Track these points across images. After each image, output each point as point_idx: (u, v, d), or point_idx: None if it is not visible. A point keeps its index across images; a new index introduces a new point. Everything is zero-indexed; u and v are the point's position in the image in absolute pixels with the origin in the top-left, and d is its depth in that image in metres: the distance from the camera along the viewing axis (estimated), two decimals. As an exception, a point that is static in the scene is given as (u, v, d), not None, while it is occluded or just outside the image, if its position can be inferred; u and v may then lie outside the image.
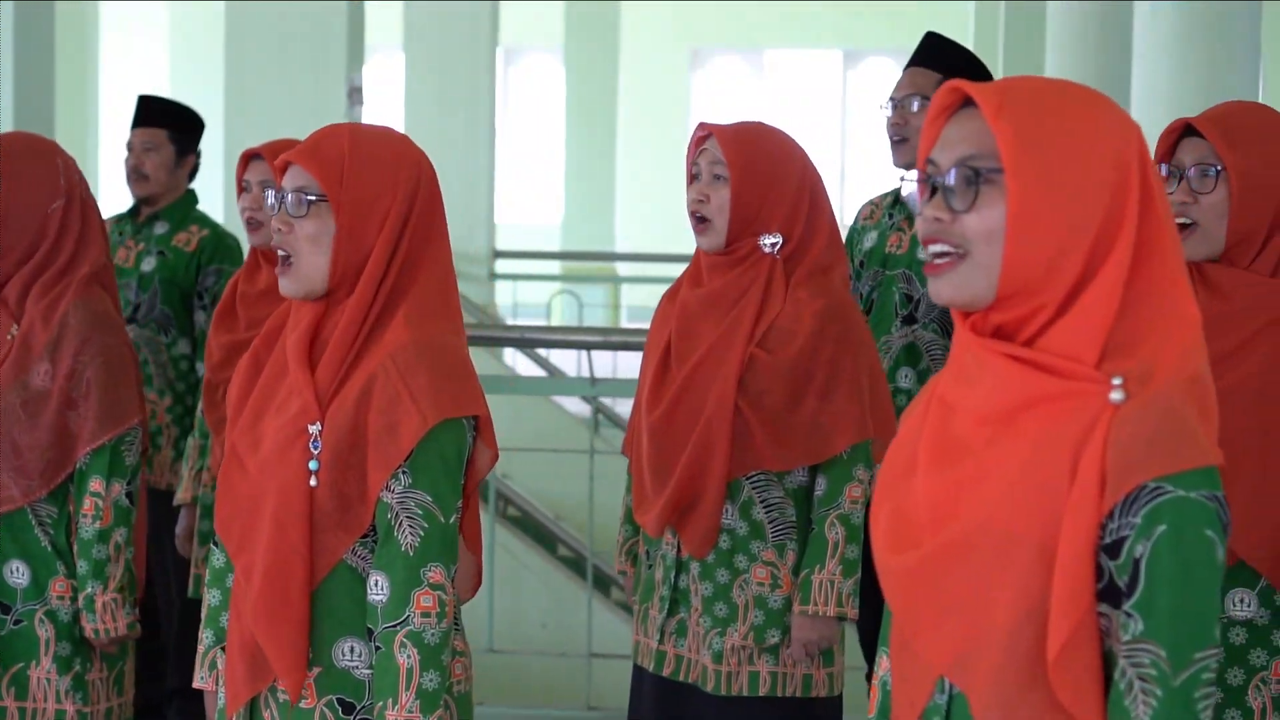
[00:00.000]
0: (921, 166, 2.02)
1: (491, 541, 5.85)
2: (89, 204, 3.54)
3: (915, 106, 4.34)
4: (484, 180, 11.12)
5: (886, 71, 18.81)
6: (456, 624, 2.81)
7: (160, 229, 5.32)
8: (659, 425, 3.60)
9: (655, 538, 3.66)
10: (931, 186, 1.99)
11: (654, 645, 3.66)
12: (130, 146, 5.35)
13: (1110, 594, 1.88)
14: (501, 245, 12.29)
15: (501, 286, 12.69)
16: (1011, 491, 1.92)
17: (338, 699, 2.70)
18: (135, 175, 5.32)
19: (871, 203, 4.60)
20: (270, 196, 2.74)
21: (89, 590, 3.39)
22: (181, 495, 4.75)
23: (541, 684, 6.55)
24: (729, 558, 3.57)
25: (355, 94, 7.78)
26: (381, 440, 2.64)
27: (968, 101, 2.00)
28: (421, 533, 2.63)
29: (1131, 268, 1.94)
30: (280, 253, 2.73)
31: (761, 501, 3.56)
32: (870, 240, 4.50)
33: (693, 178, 3.61)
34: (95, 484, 3.40)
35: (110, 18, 17.02)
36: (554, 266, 15.55)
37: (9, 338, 3.45)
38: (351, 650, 2.70)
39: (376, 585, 2.65)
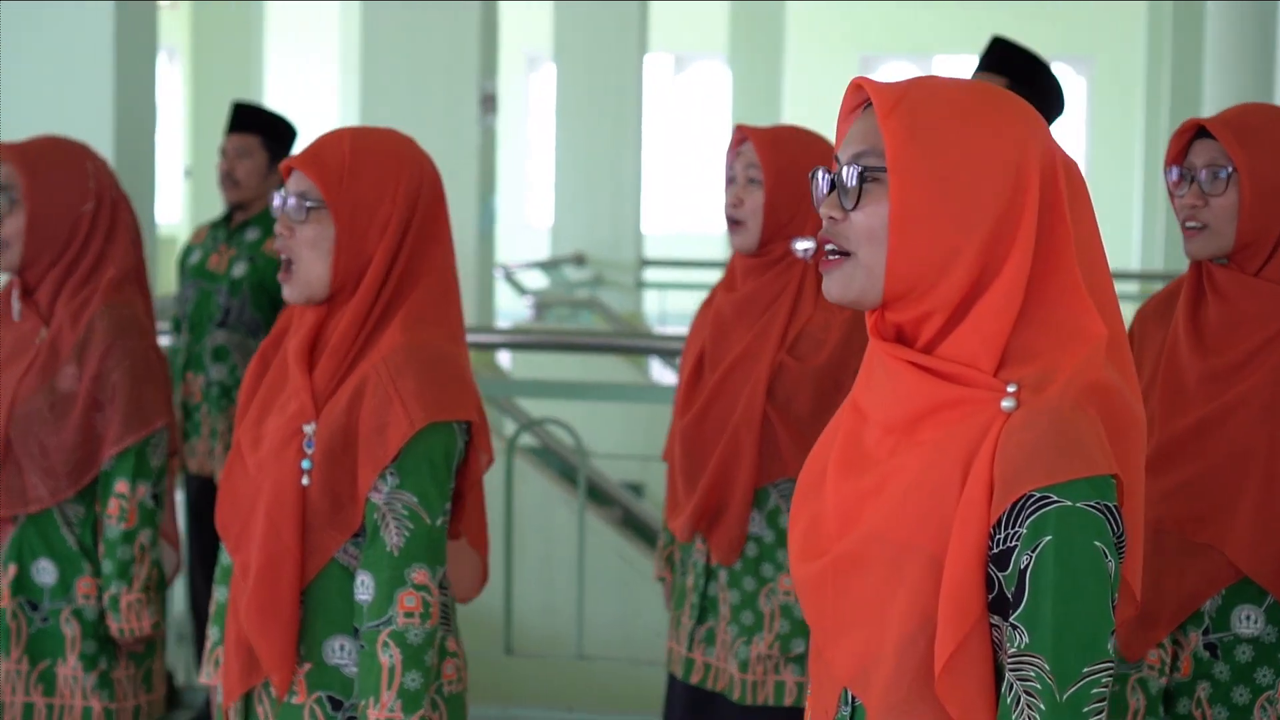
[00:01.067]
0: (831, 164, 1.99)
1: (582, 546, 5.84)
2: (120, 207, 3.59)
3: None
4: (631, 189, 11.16)
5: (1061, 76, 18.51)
6: (449, 624, 2.83)
7: (251, 235, 5.40)
8: (689, 431, 3.58)
9: (685, 543, 3.64)
10: (830, 183, 1.95)
11: (684, 653, 3.63)
12: (224, 152, 5.43)
13: (1000, 605, 1.84)
14: (672, 253, 12.29)
15: (653, 295, 12.72)
16: (905, 501, 1.89)
17: (327, 696, 2.76)
18: (227, 180, 5.41)
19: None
20: (276, 201, 2.78)
21: (114, 590, 3.44)
22: None
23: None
24: (755, 566, 3.53)
25: (488, 102, 7.83)
26: (371, 441, 2.69)
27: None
28: (407, 533, 2.67)
29: (1034, 277, 1.89)
30: (282, 258, 2.79)
31: (788, 509, 3.52)
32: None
33: (729, 181, 3.59)
34: (121, 486, 3.45)
35: (277, 26, 17.32)
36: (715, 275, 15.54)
37: (38, 340, 3.51)
38: (341, 648, 2.76)
39: (363, 584, 2.70)
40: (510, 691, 5.79)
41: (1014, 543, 1.81)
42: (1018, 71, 4.23)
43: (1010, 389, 1.85)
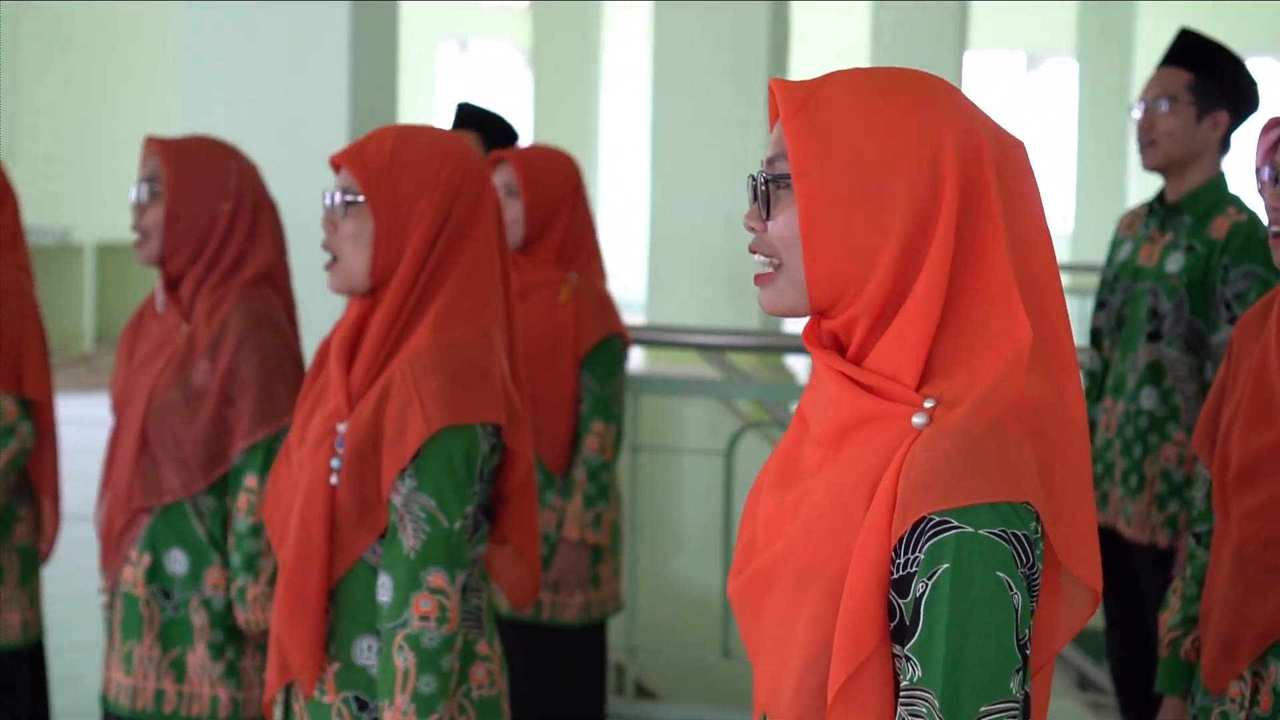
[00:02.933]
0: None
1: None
2: (262, 210, 3.66)
3: (1164, 108, 4.05)
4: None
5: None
6: (480, 627, 2.81)
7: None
8: None
9: None
10: (753, 193, 1.87)
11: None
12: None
13: (901, 634, 1.72)
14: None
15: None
16: (814, 520, 1.79)
17: (354, 696, 2.77)
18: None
19: (1132, 212, 4.32)
20: (325, 197, 2.81)
21: (241, 582, 3.51)
22: None
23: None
24: None
25: (777, 98, 7.79)
26: (393, 442, 2.70)
27: None
28: (424, 536, 2.67)
29: (959, 277, 1.77)
30: (327, 251, 2.81)
31: None
32: (1125, 251, 4.24)
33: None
34: (249, 480, 3.51)
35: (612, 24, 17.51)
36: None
37: (179, 336, 3.60)
38: (369, 648, 2.77)
39: (383, 585, 2.71)
40: (727, 694, 5.72)
41: (914, 568, 1.70)
42: (1203, 66, 4.01)
43: (927, 404, 1.74)
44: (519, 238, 4.44)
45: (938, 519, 1.68)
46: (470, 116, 5.48)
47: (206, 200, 3.61)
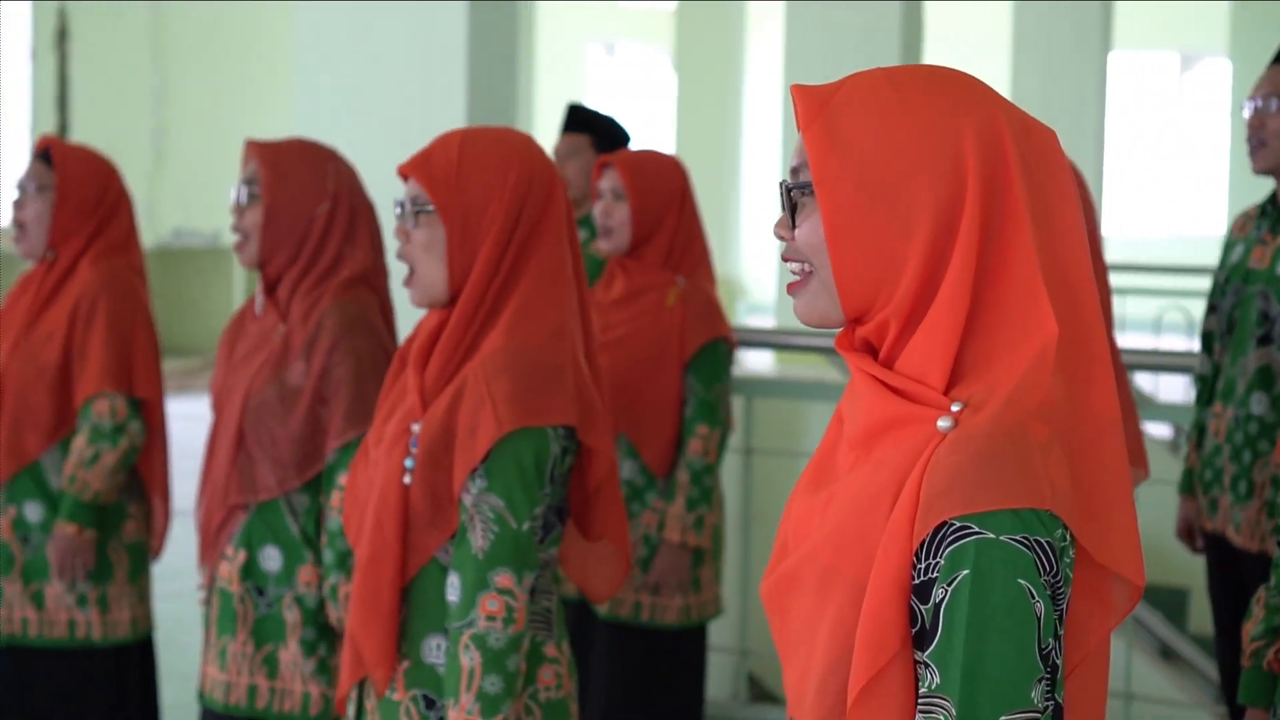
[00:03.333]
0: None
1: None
2: (360, 212, 3.70)
3: (1275, 107, 3.96)
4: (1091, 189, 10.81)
5: None
6: (549, 629, 2.83)
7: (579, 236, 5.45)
8: None
9: None
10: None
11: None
12: (556, 152, 5.51)
13: (921, 639, 1.70)
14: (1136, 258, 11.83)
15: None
16: (839, 522, 1.78)
17: (422, 694, 2.79)
18: (559, 183, 5.47)
19: (1245, 213, 4.23)
20: (397, 207, 2.83)
21: (333, 580, 3.54)
22: None
23: None
24: None
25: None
26: (465, 442, 2.72)
27: None
28: (492, 536, 2.68)
29: (983, 278, 1.75)
30: (402, 261, 2.85)
31: None
32: (1237, 254, 4.15)
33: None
34: (342, 479, 3.54)
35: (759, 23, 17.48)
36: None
37: (276, 336, 3.64)
38: (438, 647, 2.79)
39: (452, 585, 2.73)
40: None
41: (934, 574, 1.67)
42: None
43: (954, 408, 1.72)
44: (626, 241, 4.44)
45: (959, 524, 1.66)
46: (582, 119, 5.49)
47: (304, 202, 3.65)
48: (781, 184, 1.84)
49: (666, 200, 4.46)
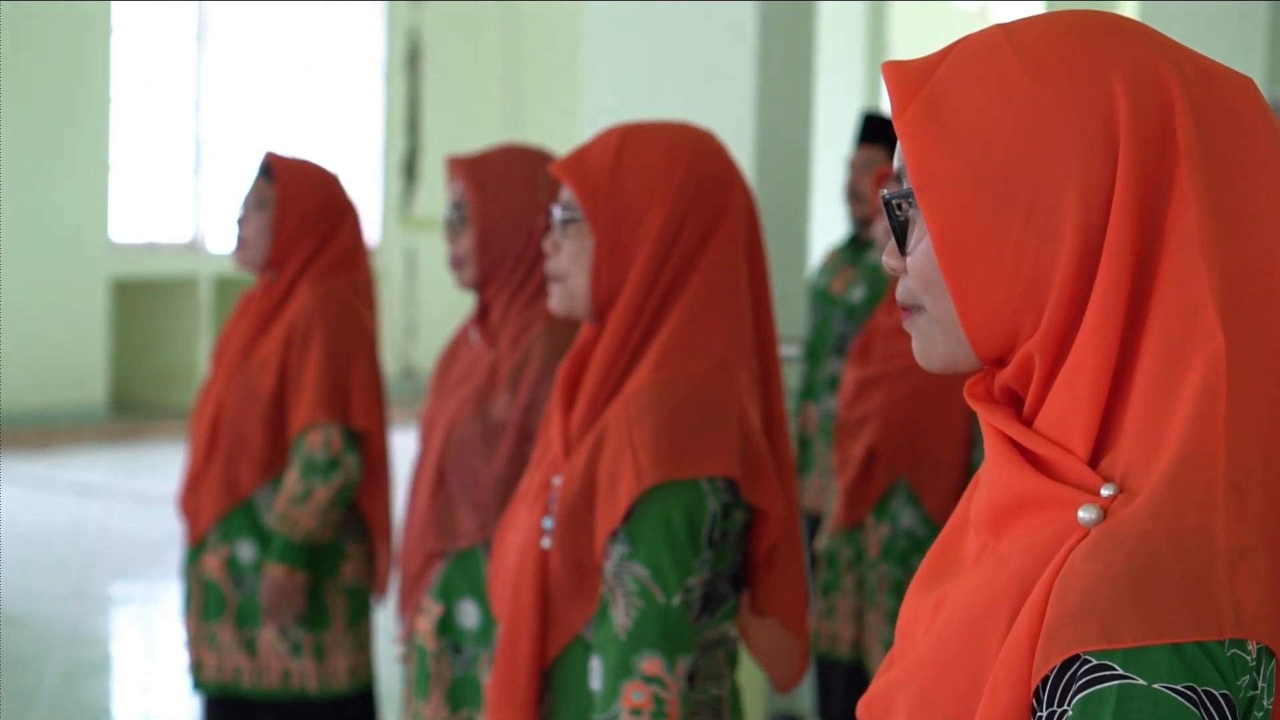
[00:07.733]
0: None
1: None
2: (578, 220, 3.28)
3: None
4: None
5: None
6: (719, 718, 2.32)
7: (873, 258, 4.97)
8: None
9: None
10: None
11: None
12: (851, 165, 5.03)
13: None
14: None
15: None
16: (942, 639, 1.28)
17: None
18: (852, 196, 5.01)
19: None
20: (555, 213, 2.41)
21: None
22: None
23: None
24: None
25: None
26: (605, 499, 2.25)
27: None
28: (636, 613, 2.20)
29: (1137, 303, 1.24)
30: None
31: None
32: None
33: None
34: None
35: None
36: None
37: (484, 364, 3.26)
38: None
39: (593, 670, 2.26)
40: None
41: None
42: None
43: (1104, 492, 1.21)
44: None
45: (1095, 661, 1.15)
46: (878, 128, 5.01)
47: (517, 219, 3.29)
48: (882, 197, 1.35)
49: None
